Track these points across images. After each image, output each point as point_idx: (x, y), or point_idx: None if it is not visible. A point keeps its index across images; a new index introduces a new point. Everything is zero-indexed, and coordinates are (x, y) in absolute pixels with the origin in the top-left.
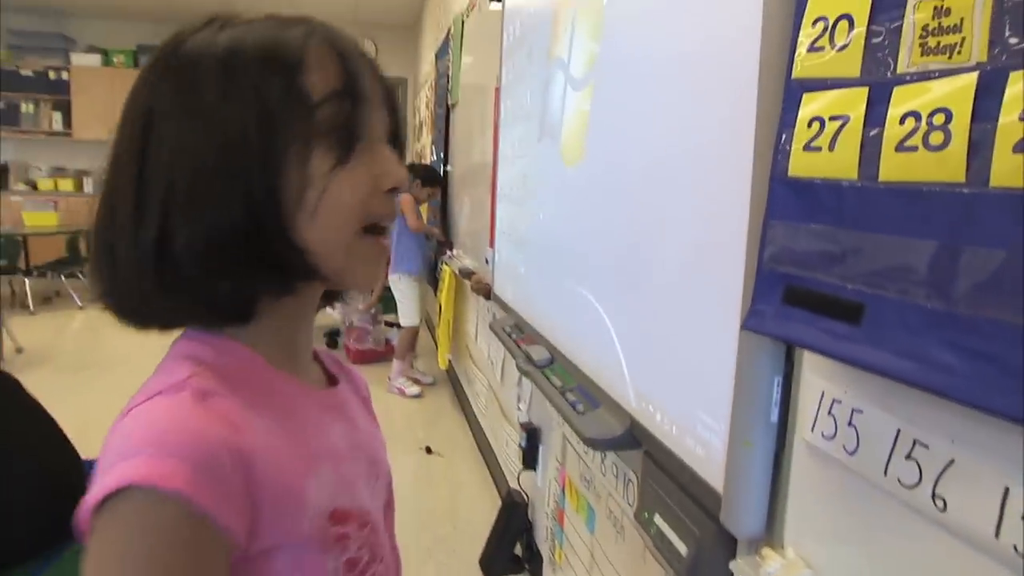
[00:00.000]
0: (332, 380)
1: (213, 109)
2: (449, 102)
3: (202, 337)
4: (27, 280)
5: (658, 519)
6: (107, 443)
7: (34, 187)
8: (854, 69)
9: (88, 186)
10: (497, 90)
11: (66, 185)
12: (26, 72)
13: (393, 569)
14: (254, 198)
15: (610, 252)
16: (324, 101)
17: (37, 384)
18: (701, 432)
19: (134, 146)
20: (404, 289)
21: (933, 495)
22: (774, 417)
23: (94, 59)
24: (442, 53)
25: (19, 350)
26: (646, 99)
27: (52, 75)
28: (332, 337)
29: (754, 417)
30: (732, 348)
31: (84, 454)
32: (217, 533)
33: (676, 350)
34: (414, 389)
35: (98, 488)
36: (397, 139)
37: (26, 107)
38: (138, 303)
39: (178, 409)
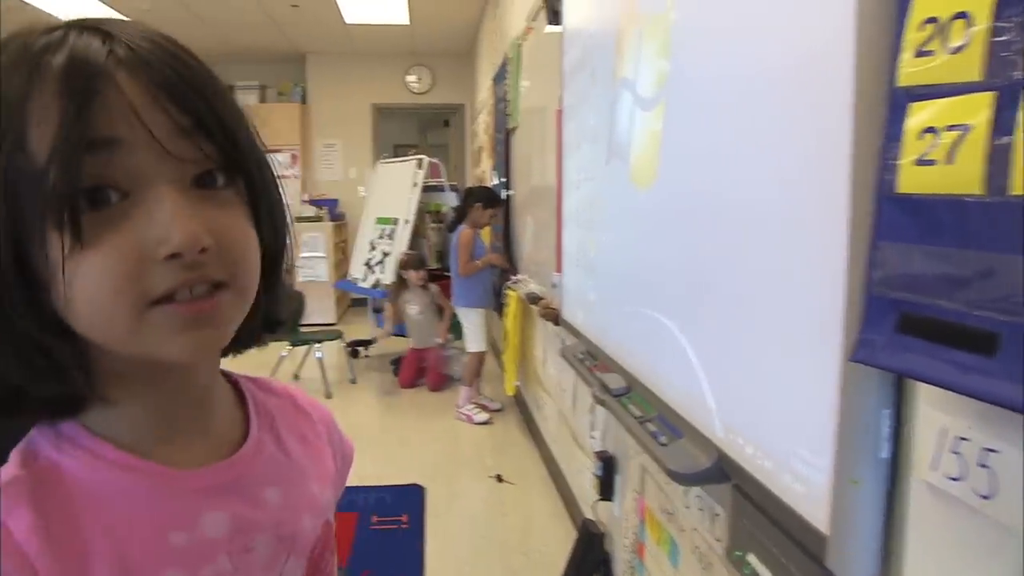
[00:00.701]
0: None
1: None
2: (508, 126)
3: (51, 425)
4: None
5: (753, 559)
6: None
7: None
8: (973, 72)
9: None
10: (559, 112)
11: None
12: None
13: None
14: None
15: (689, 276)
16: (48, 165)
17: None
18: (799, 467)
19: None
20: (467, 317)
21: None
22: (884, 453)
23: None
24: (500, 78)
25: None
26: (725, 115)
27: None
28: (355, 347)
29: (861, 453)
30: (832, 378)
31: None
32: None
33: (768, 379)
34: (482, 416)
35: None
36: (235, 167)
37: None
38: None
39: None
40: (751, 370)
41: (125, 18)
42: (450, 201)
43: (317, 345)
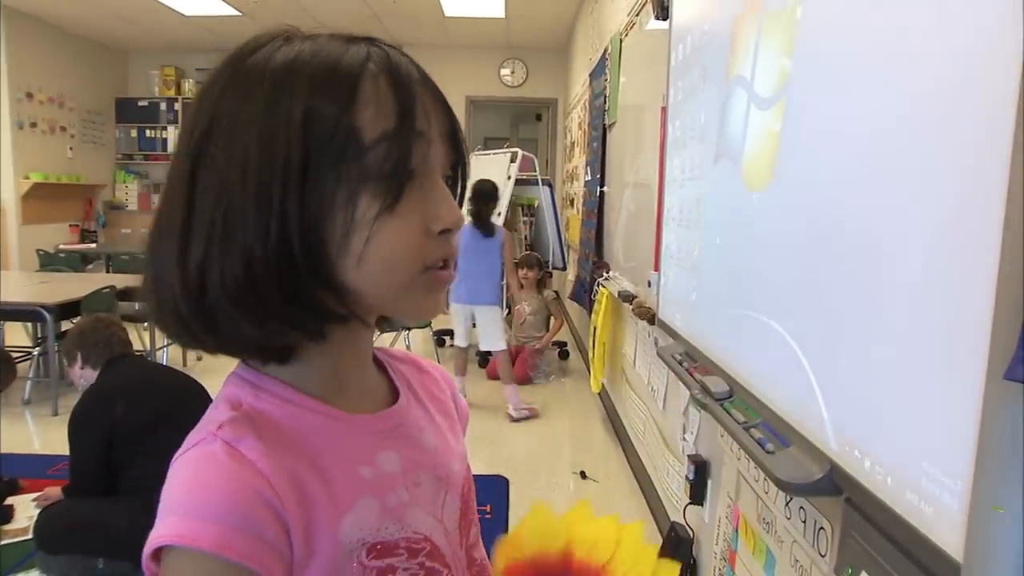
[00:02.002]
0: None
1: (261, 136)
2: (606, 122)
3: (245, 375)
4: None
5: None
6: (164, 485)
7: None
8: None
9: None
10: (663, 110)
11: None
12: None
13: None
14: (290, 237)
15: (805, 282)
16: (376, 143)
17: (214, 389)
18: (927, 487)
19: (188, 163)
20: (494, 315)
21: None
22: None
23: None
24: (597, 73)
25: (199, 357)
26: (854, 115)
27: None
28: (441, 336)
29: (1006, 478)
30: (973, 394)
31: None
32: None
33: (894, 392)
34: (535, 406)
35: (149, 540)
36: (459, 171)
37: None
38: (180, 332)
39: (209, 465)
40: (874, 381)
41: (238, 13)
42: (542, 195)
43: (405, 332)
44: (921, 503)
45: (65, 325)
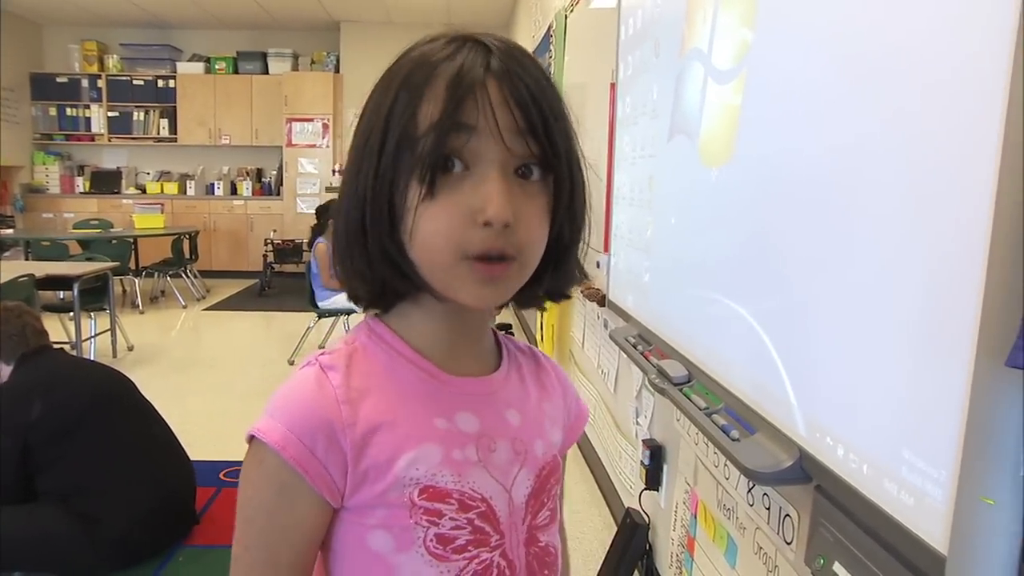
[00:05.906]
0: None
1: (368, 112)
2: None
3: (371, 322)
4: (137, 280)
5: (840, 568)
6: None
7: (143, 191)
8: None
9: (191, 189)
10: (613, 86)
11: (171, 188)
12: (137, 82)
13: (523, 563)
14: (364, 203)
15: (769, 261)
16: (425, 134)
17: (147, 381)
18: (907, 476)
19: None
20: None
21: None
22: None
23: (198, 67)
24: (541, 51)
25: (130, 348)
26: (823, 86)
27: (160, 84)
28: None
29: (996, 469)
30: (959, 380)
31: (191, 454)
32: (301, 483)
33: (868, 377)
34: None
35: (249, 429)
36: (549, 166)
37: (137, 115)
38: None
39: (301, 382)
40: (847, 366)
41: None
42: None
43: (345, 317)
44: (901, 493)
45: None
